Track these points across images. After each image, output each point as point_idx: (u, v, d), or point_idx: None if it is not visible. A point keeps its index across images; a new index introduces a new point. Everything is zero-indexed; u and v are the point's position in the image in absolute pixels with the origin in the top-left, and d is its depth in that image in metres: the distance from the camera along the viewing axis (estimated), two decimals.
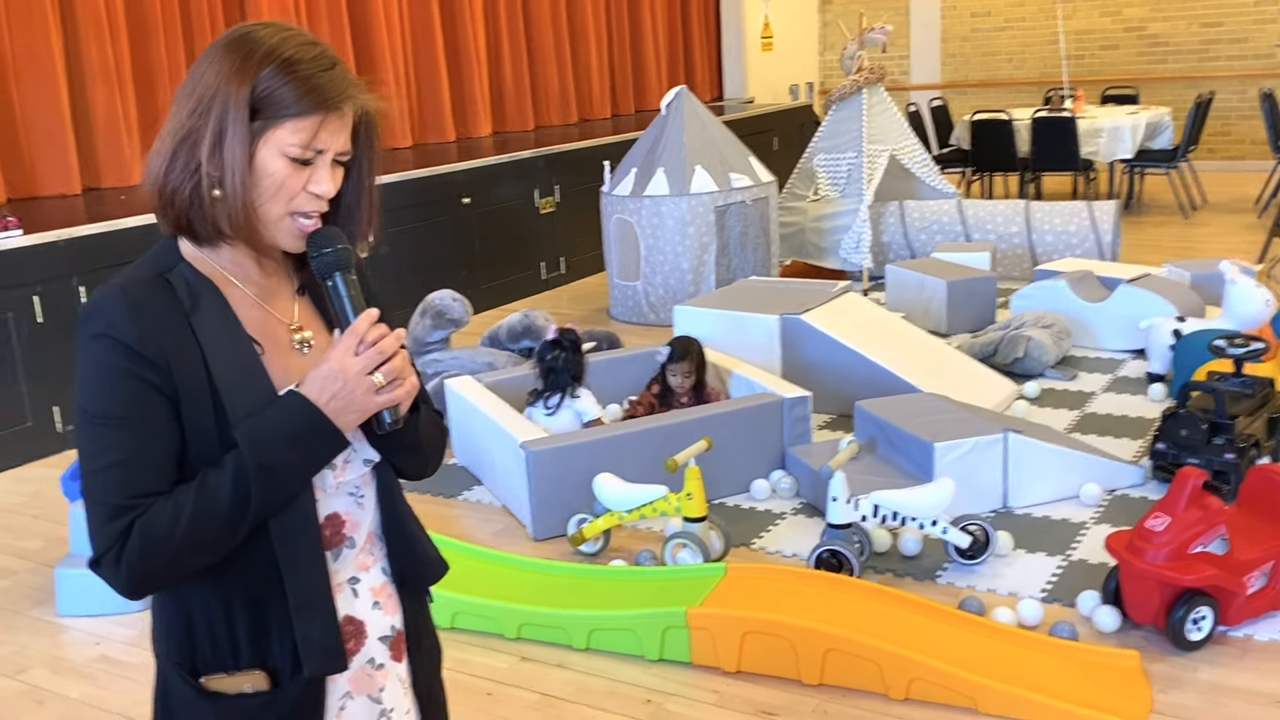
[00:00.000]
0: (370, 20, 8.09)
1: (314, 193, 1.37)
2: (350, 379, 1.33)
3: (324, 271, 1.40)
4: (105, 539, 1.28)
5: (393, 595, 1.52)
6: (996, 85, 12.74)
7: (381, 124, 1.47)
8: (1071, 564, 3.47)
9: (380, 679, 1.49)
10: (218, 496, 1.29)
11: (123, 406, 1.29)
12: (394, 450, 1.47)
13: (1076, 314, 5.71)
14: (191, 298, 1.36)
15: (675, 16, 11.70)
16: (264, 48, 1.34)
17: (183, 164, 1.34)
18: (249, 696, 1.38)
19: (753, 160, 6.95)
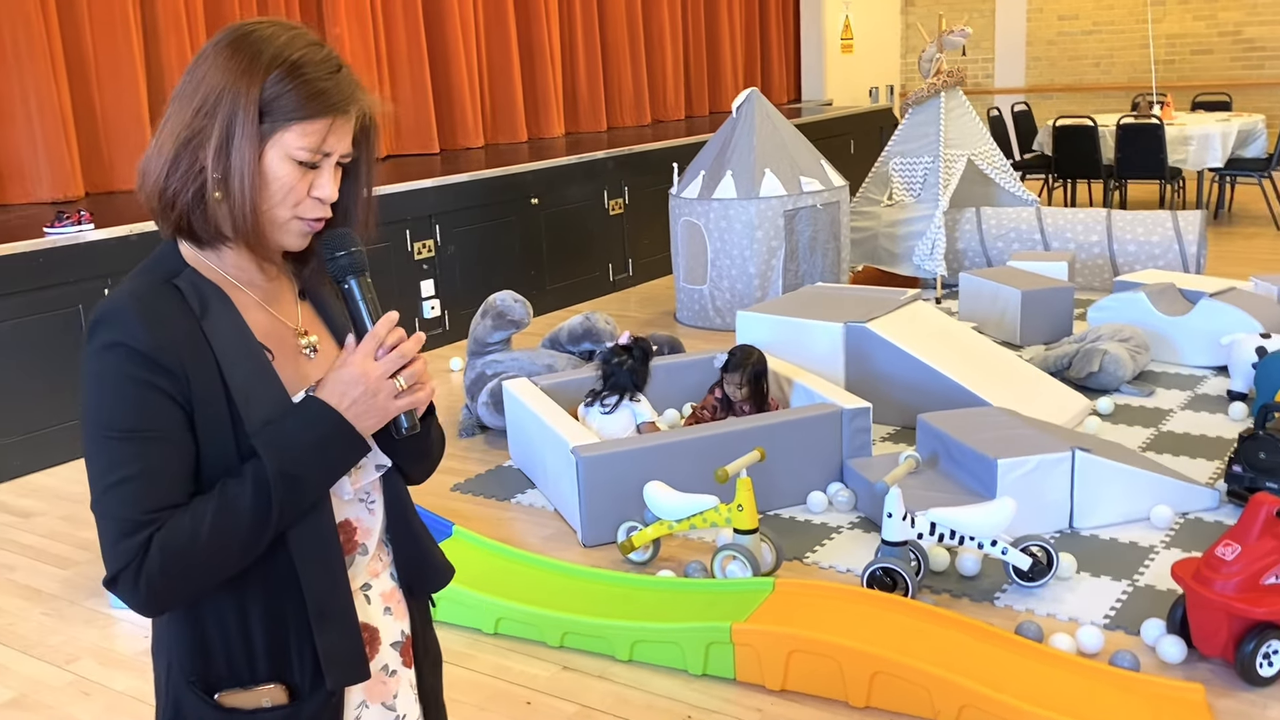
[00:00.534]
0: (445, 20, 8.13)
1: (318, 196, 1.35)
2: (372, 383, 1.31)
3: (340, 275, 1.38)
4: (122, 556, 1.24)
5: (401, 600, 1.51)
6: (1083, 90, 12.43)
7: (381, 127, 1.44)
8: (1138, 590, 3.33)
9: (393, 685, 1.48)
10: (238, 506, 1.26)
11: (140, 418, 1.25)
12: (407, 456, 1.46)
13: (1156, 327, 5.52)
14: (201, 303, 1.32)
15: (753, 17, 11.60)
16: (271, 48, 1.31)
17: (186, 166, 1.31)
18: (267, 711, 1.35)
19: (824, 164, 6.84)
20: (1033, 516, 3.68)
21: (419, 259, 6.47)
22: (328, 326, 1.46)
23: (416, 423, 1.38)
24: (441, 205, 6.58)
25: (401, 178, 6.64)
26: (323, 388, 1.32)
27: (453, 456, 4.79)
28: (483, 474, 4.55)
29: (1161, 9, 11.83)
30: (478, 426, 5.06)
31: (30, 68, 5.87)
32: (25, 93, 5.89)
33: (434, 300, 6.58)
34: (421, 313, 6.53)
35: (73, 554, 4.01)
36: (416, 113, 8.00)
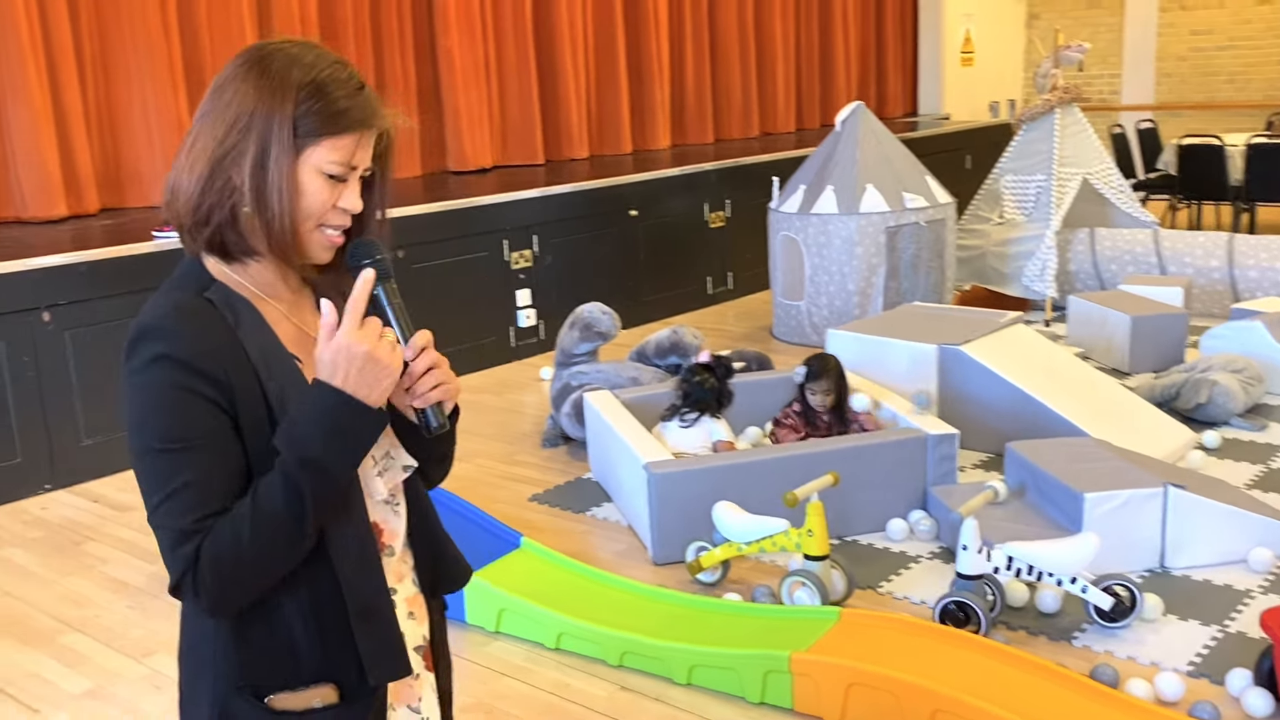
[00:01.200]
0: (554, 31, 8.19)
1: (344, 208, 1.38)
2: (357, 351, 1.30)
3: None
4: (179, 565, 1.28)
5: (422, 605, 1.53)
6: (1215, 108, 11.95)
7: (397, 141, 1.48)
8: (1228, 636, 3.16)
9: (418, 689, 1.51)
10: (272, 504, 1.28)
11: (189, 427, 1.28)
12: (431, 457, 1.49)
13: (1273, 358, 5.25)
14: (234, 315, 1.36)
15: (869, 28, 11.44)
16: (300, 67, 1.35)
17: (221, 183, 1.34)
18: (318, 711, 1.37)
19: (930, 180, 6.69)
20: (1120, 554, 3.52)
21: (515, 268, 6.52)
22: None
23: (445, 420, 1.41)
24: (540, 216, 6.62)
25: (503, 188, 6.70)
26: (316, 372, 1.33)
27: (533, 466, 4.81)
28: (561, 485, 4.55)
29: None
30: (561, 437, 5.06)
31: (150, 77, 6.09)
32: (145, 101, 6.12)
33: (530, 310, 6.62)
34: (516, 322, 6.58)
35: None
36: (522, 124, 8.07)
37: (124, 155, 6.20)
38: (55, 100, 5.75)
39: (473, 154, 7.71)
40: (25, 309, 4.63)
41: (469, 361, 6.35)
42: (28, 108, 5.60)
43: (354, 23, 7.08)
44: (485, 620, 3.40)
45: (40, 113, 5.64)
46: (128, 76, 6.09)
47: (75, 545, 4.22)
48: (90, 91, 5.99)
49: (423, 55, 7.59)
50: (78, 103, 5.85)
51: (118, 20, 6.02)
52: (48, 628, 3.58)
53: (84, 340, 4.78)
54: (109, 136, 6.15)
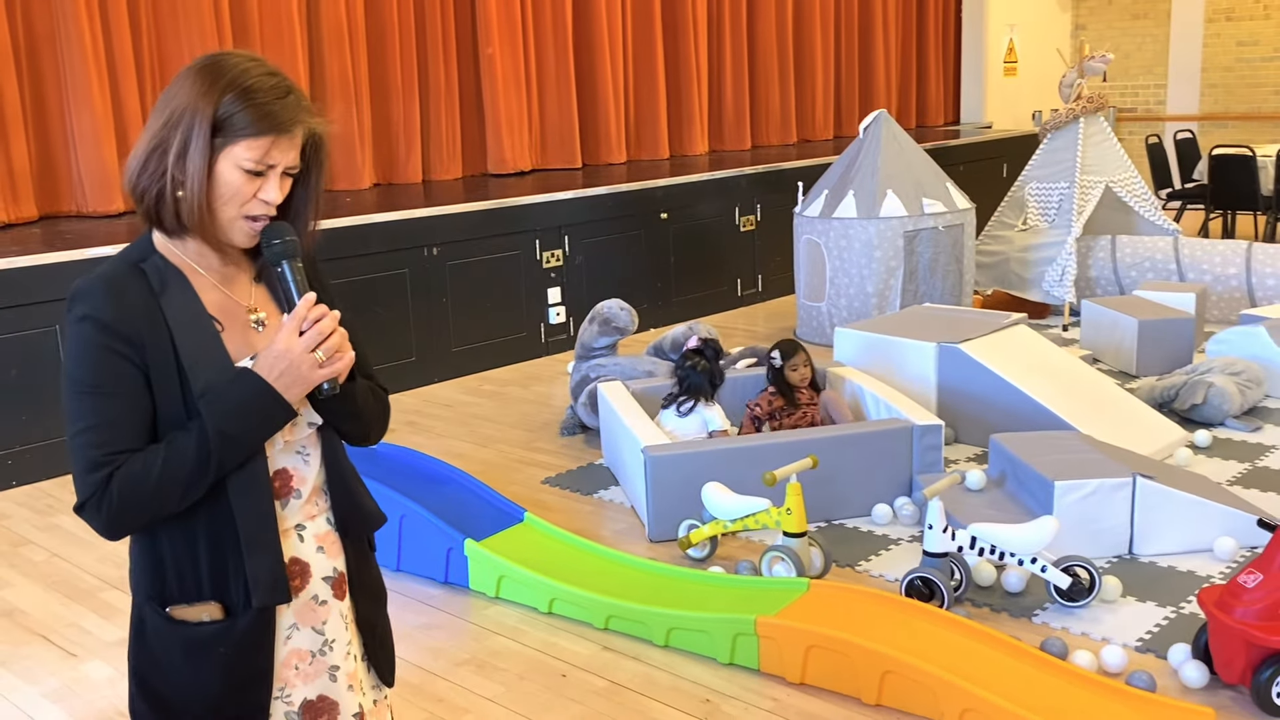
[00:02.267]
0: (593, 38, 8.47)
1: (264, 199, 1.61)
2: (295, 357, 1.58)
3: (273, 259, 1.64)
4: (87, 488, 1.54)
5: (336, 542, 1.76)
6: (1260, 119, 11.93)
7: (327, 144, 1.70)
8: (1181, 617, 3.33)
9: (323, 614, 1.72)
10: (184, 456, 1.54)
11: (103, 377, 1.54)
12: (336, 415, 1.71)
13: (1276, 362, 5.37)
14: (161, 283, 1.61)
15: (910, 36, 11.59)
16: (229, 75, 1.58)
17: (153, 168, 1.59)
18: (207, 624, 1.62)
19: (950, 186, 6.86)
20: (1091, 540, 3.70)
21: (547, 267, 6.80)
22: (277, 305, 1.72)
23: (337, 386, 1.64)
24: (572, 217, 6.89)
25: (539, 190, 6.98)
26: (258, 362, 1.59)
27: (549, 452, 5.07)
28: (574, 470, 4.81)
29: None
30: (579, 426, 5.32)
31: None
32: None
33: (559, 307, 6.89)
34: (547, 318, 6.85)
35: None
36: (561, 128, 8.35)
37: None
38: (115, 103, 6.13)
39: (512, 157, 8.01)
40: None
41: (501, 356, 6.64)
42: (89, 111, 5.99)
43: (399, 29, 7.40)
44: (486, 586, 3.66)
45: (100, 115, 6.02)
46: None
47: None
48: (148, 95, 6.36)
49: (465, 61, 7.90)
50: (136, 106, 6.22)
51: (175, 28, 6.40)
52: (89, 584, 3.90)
53: None
54: None
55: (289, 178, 1.64)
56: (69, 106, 6.02)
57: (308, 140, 1.65)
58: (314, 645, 1.71)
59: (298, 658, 1.70)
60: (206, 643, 1.61)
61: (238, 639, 1.62)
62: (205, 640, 1.61)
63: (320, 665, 1.72)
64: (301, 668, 1.70)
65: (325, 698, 1.72)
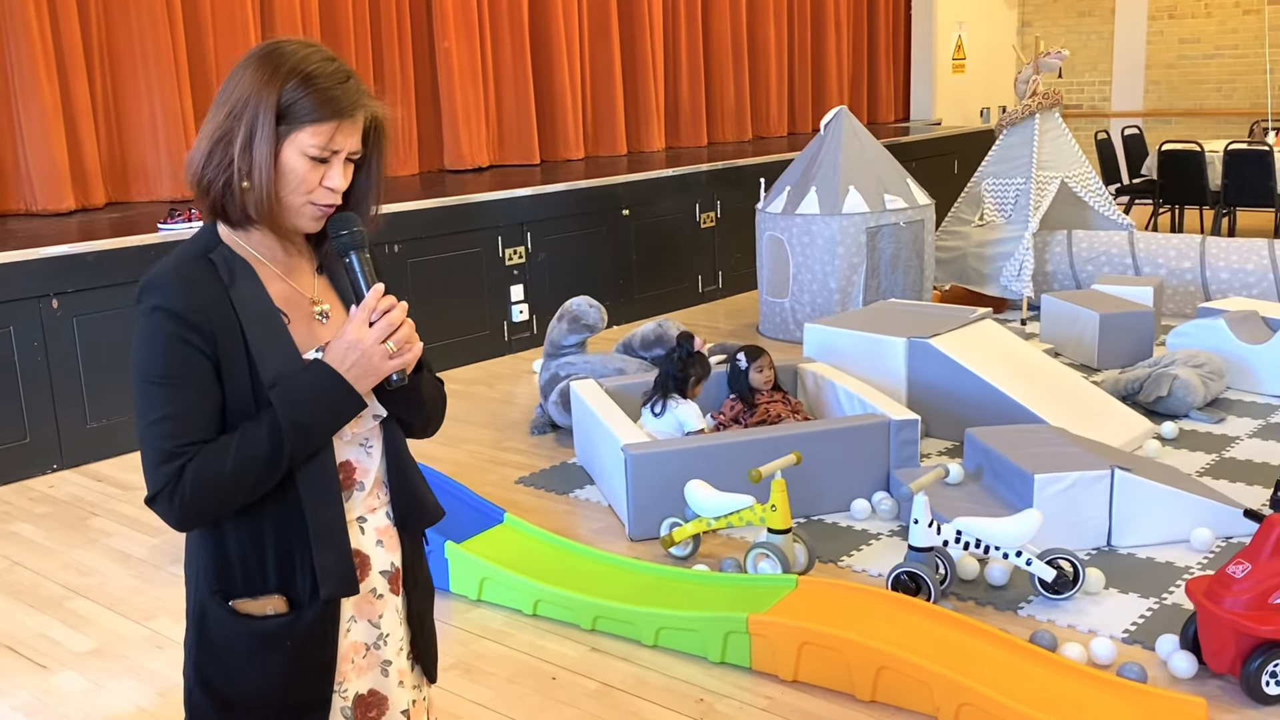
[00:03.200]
0: (550, 34, 8.41)
1: (329, 186, 1.59)
2: (366, 348, 1.56)
3: (342, 250, 1.63)
4: (160, 480, 1.51)
5: (394, 536, 1.74)
6: (1202, 115, 12.15)
7: (388, 128, 1.68)
8: (1164, 608, 3.36)
9: (380, 607, 1.71)
10: (257, 446, 1.52)
11: (175, 368, 1.52)
12: (400, 407, 1.69)
13: (1236, 355, 5.46)
14: (230, 273, 1.59)
15: (861, 35, 11.66)
16: (290, 62, 1.56)
17: (218, 159, 1.57)
18: (272, 618, 1.59)
19: (910, 182, 6.90)
20: (1070, 532, 3.73)
21: (509, 264, 6.73)
22: (340, 296, 1.71)
23: (406, 377, 1.62)
24: (533, 214, 6.84)
25: (499, 187, 6.91)
26: (328, 352, 1.57)
27: (522, 452, 5.01)
28: (547, 469, 4.76)
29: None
30: (549, 425, 5.27)
31: (156, 74, 6.31)
32: (151, 98, 6.34)
33: (523, 305, 6.83)
34: (510, 316, 6.79)
35: (163, 524, 4.34)
36: (519, 124, 8.29)
37: (130, 150, 6.42)
38: (64, 97, 5.97)
39: (469, 153, 7.93)
40: (35, 296, 4.84)
41: (463, 355, 6.56)
42: (38, 104, 5.82)
43: (354, 23, 7.30)
44: (468, 589, 3.61)
45: (50, 109, 5.86)
46: (134, 74, 6.31)
47: (81, 520, 4.43)
48: (98, 88, 6.22)
49: (421, 56, 7.81)
50: (85, 99, 6.07)
51: (125, 18, 6.25)
52: (55, 594, 3.79)
53: (90, 327, 5.00)
54: (115, 132, 6.37)
55: (352, 163, 1.62)
56: (17, 101, 5.85)
57: (369, 125, 1.63)
58: (370, 639, 1.70)
59: (354, 651, 1.68)
60: (271, 636, 1.59)
61: (303, 632, 1.61)
62: (270, 634, 1.59)
63: (374, 659, 1.71)
64: (357, 661, 1.69)
65: (376, 692, 1.71)
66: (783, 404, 4.64)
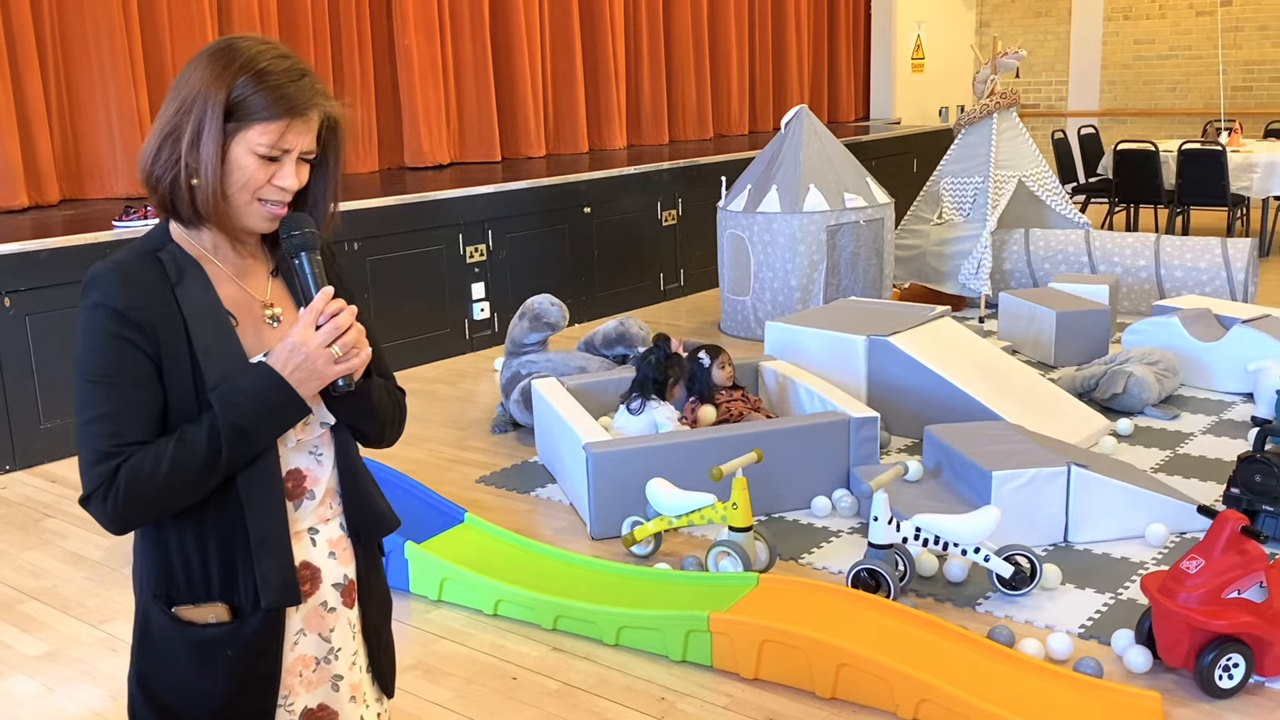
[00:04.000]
0: (511, 32, 8.37)
1: (279, 185, 1.56)
2: (311, 351, 1.53)
3: (292, 250, 1.59)
4: (95, 480, 1.48)
5: (348, 548, 1.71)
6: (1157, 115, 12.31)
7: (344, 128, 1.65)
8: (1120, 603, 3.40)
9: (331, 620, 1.67)
10: (195, 450, 1.48)
11: (113, 366, 1.49)
12: (349, 414, 1.66)
13: (1190, 352, 5.53)
14: (178, 272, 1.55)
15: (821, 34, 11.70)
16: (242, 58, 1.53)
17: (167, 156, 1.54)
18: (214, 626, 1.56)
19: (870, 181, 6.93)
20: (1027, 528, 3.76)
21: (471, 262, 6.71)
22: (294, 300, 1.67)
23: (352, 382, 1.58)
24: (494, 211, 6.81)
25: (458, 184, 6.88)
26: (272, 355, 1.54)
27: (483, 451, 5.00)
28: (508, 468, 4.75)
29: (1241, 35, 11.68)
30: (510, 424, 5.26)
31: (111, 71, 6.23)
32: (105, 95, 6.25)
33: (484, 303, 6.81)
34: (471, 314, 6.76)
35: None
36: (480, 122, 8.26)
37: (84, 147, 6.33)
38: (17, 93, 5.88)
39: (430, 151, 7.89)
40: None
41: (424, 353, 6.53)
42: None
43: (313, 19, 7.23)
44: (428, 590, 3.59)
45: (2, 105, 5.76)
46: (89, 70, 6.23)
47: (34, 522, 4.36)
48: (52, 85, 6.13)
49: (381, 53, 7.76)
50: (39, 96, 5.98)
51: (79, 14, 6.16)
52: (7, 596, 3.73)
53: (44, 326, 4.92)
54: (70, 129, 6.29)
55: (306, 163, 1.59)
56: None
57: (324, 124, 1.60)
58: (319, 652, 1.66)
59: (303, 664, 1.65)
60: (213, 645, 1.57)
61: (245, 642, 1.57)
62: (212, 642, 1.56)
63: (324, 673, 1.67)
64: (305, 675, 1.65)
65: (326, 707, 1.68)
66: (742, 402, 4.65)
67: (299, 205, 1.61)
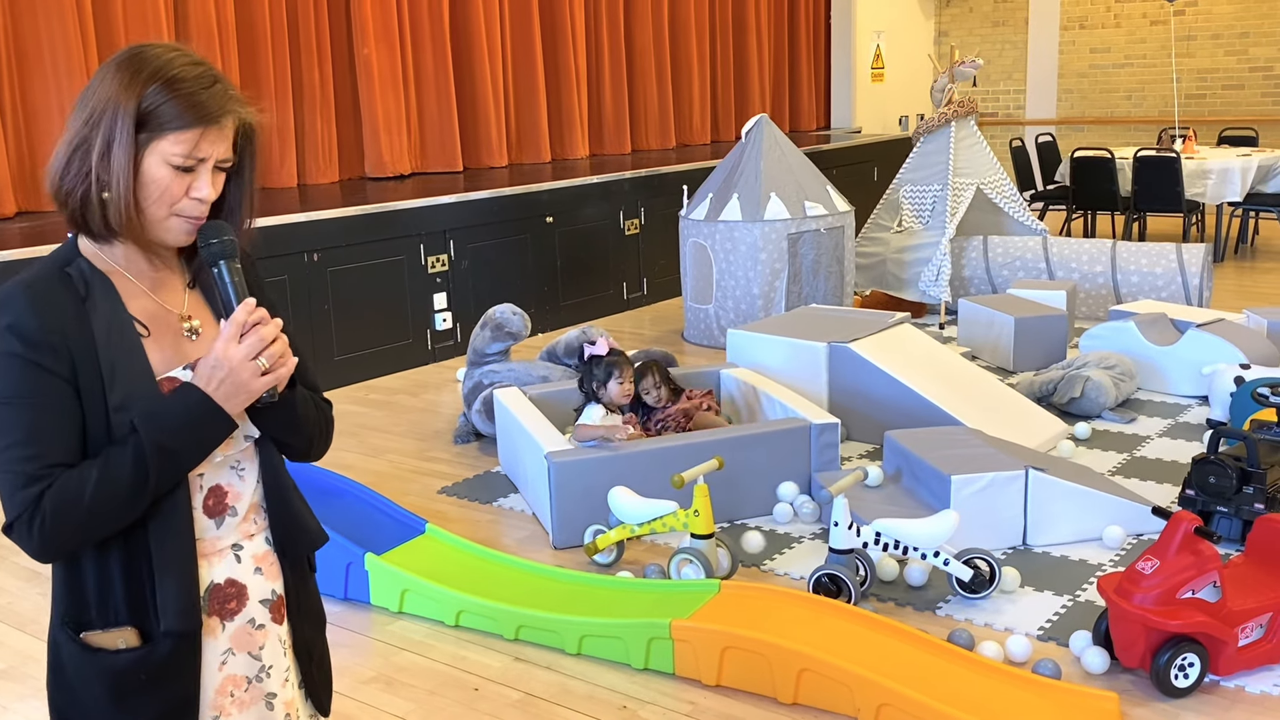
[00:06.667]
0: (472, 41, 8.37)
1: (195, 197, 1.51)
2: (235, 365, 1.48)
3: (210, 260, 1.54)
4: (18, 506, 1.43)
5: (275, 563, 1.67)
6: (1114, 123, 12.47)
7: (260, 135, 1.60)
8: (1078, 604, 3.43)
9: (260, 638, 1.64)
10: (120, 472, 1.44)
11: (27, 389, 1.43)
12: (274, 427, 1.61)
13: (1145, 356, 5.60)
14: (86, 288, 1.50)
15: (782, 44, 11.77)
16: (151, 66, 1.48)
17: (76, 169, 1.48)
18: (125, 652, 1.51)
19: (830, 189, 6.98)
20: (986, 532, 3.79)
21: (432, 272, 6.68)
22: (213, 312, 1.63)
23: (276, 394, 1.55)
24: (456, 221, 6.79)
25: (420, 194, 6.87)
26: (195, 372, 1.50)
27: (445, 461, 4.98)
28: (470, 478, 4.73)
29: (1195, 44, 11.86)
30: (473, 434, 5.24)
31: (67, 81, 6.16)
32: (62, 106, 6.18)
33: (446, 313, 6.79)
34: (433, 324, 6.74)
35: None
36: (441, 132, 8.24)
37: (40, 158, 6.26)
38: None
39: (391, 160, 7.86)
40: None
41: (386, 363, 6.50)
42: None
43: (271, 28, 7.20)
44: (389, 601, 3.56)
45: None
46: (44, 81, 6.17)
47: None
48: (6, 96, 6.06)
49: (340, 62, 7.73)
50: None
51: (34, 24, 6.10)
52: None
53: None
54: (25, 140, 6.22)
55: (221, 172, 1.54)
56: None
57: (239, 131, 1.55)
58: (250, 671, 1.63)
59: (233, 684, 1.61)
60: (125, 671, 1.52)
61: (157, 666, 1.53)
62: (123, 669, 1.52)
63: (256, 692, 1.64)
64: (237, 694, 1.62)
65: None
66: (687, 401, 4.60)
67: (214, 216, 1.57)
